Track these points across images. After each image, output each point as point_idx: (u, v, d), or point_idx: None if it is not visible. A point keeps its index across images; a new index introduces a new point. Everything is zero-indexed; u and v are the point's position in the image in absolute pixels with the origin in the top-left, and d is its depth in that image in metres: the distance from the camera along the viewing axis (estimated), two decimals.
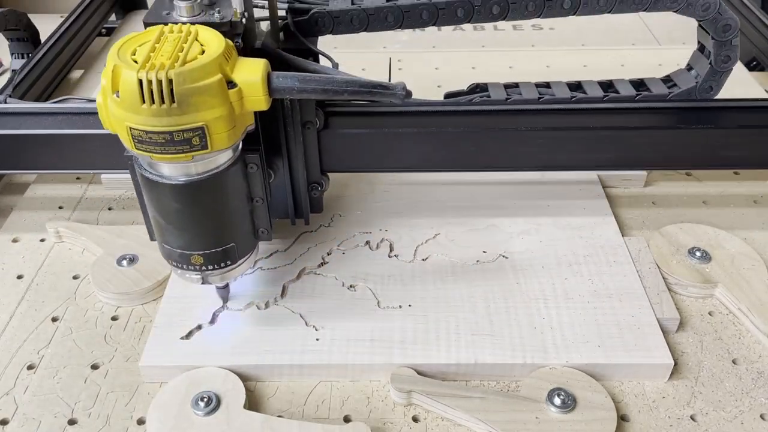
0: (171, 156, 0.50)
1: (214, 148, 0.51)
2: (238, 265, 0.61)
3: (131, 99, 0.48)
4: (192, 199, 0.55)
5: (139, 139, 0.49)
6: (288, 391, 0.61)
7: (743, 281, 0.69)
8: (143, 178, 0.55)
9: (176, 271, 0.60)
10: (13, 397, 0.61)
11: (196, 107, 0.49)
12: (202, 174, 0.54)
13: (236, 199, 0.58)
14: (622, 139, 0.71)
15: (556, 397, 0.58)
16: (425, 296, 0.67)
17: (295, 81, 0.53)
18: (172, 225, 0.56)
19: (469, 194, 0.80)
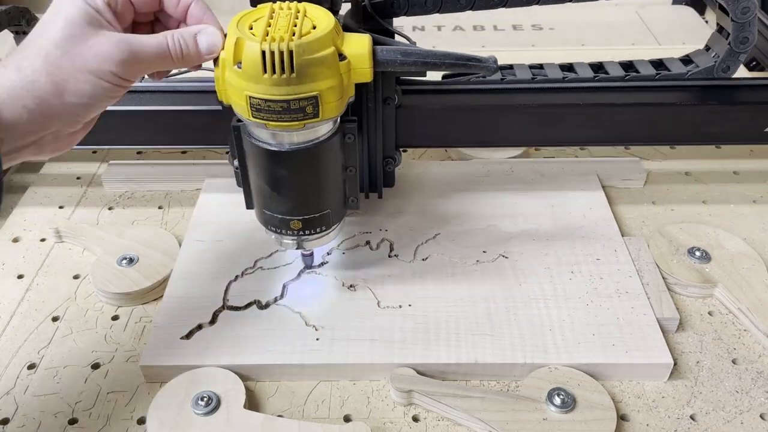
0: (285, 123, 0.54)
1: (324, 116, 0.55)
2: (331, 231, 0.65)
3: (254, 69, 0.52)
4: (297, 166, 0.59)
5: (257, 107, 0.53)
6: (288, 391, 0.62)
7: (743, 281, 0.69)
8: (252, 146, 0.58)
9: (273, 236, 0.64)
10: (13, 396, 0.61)
11: (312, 77, 0.53)
12: (308, 142, 0.58)
13: (335, 167, 0.62)
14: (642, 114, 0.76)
15: (556, 396, 0.58)
16: (425, 296, 0.67)
17: (398, 54, 0.57)
18: (276, 191, 0.60)
19: (469, 194, 0.80)
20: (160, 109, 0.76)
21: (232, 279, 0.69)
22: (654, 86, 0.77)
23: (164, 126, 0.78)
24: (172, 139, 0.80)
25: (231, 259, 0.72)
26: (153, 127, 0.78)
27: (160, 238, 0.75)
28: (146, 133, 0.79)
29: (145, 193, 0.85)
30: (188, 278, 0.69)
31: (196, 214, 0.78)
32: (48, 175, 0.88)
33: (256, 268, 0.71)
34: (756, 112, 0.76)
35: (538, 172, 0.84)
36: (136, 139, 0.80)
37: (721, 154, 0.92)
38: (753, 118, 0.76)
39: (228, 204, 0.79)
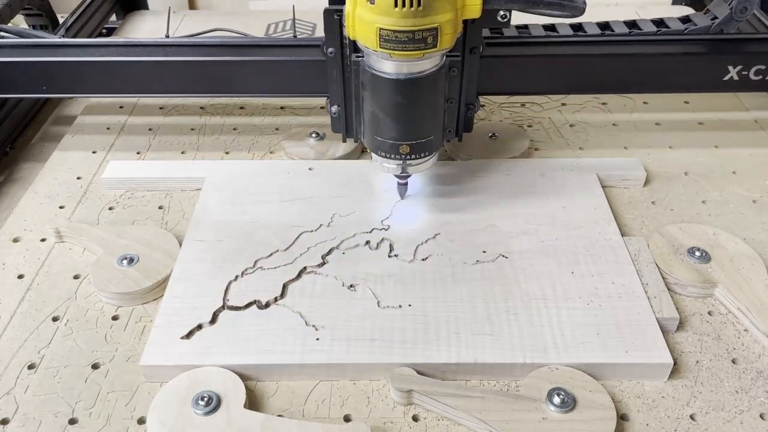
0: (408, 53, 0.62)
1: (441, 46, 0.63)
2: (432, 157, 0.74)
3: (386, 4, 0.60)
4: (411, 94, 0.67)
5: (386, 38, 0.61)
6: (288, 391, 0.62)
7: (743, 281, 0.69)
8: (372, 76, 0.67)
9: (379, 161, 0.73)
10: (13, 396, 0.61)
11: (435, 10, 0.61)
12: (422, 72, 0.66)
13: (440, 97, 0.70)
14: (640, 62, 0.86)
15: (556, 396, 0.58)
16: (425, 296, 0.68)
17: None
18: (389, 117, 0.69)
19: (469, 194, 0.80)
20: (187, 60, 0.85)
21: (232, 279, 0.69)
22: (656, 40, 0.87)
23: (188, 76, 0.86)
24: (196, 89, 0.88)
25: (231, 259, 0.72)
26: (180, 77, 0.86)
27: (160, 238, 0.75)
28: (172, 82, 0.87)
29: (145, 193, 0.85)
30: (188, 278, 0.69)
31: (196, 214, 0.78)
32: (48, 175, 0.89)
33: (256, 268, 0.71)
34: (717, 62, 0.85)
35: (538, 172, 0.84)
36: (164, 87, 0.88)
37: (720, 154, 0.92)
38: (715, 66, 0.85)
39: (228, 204, 0.79)
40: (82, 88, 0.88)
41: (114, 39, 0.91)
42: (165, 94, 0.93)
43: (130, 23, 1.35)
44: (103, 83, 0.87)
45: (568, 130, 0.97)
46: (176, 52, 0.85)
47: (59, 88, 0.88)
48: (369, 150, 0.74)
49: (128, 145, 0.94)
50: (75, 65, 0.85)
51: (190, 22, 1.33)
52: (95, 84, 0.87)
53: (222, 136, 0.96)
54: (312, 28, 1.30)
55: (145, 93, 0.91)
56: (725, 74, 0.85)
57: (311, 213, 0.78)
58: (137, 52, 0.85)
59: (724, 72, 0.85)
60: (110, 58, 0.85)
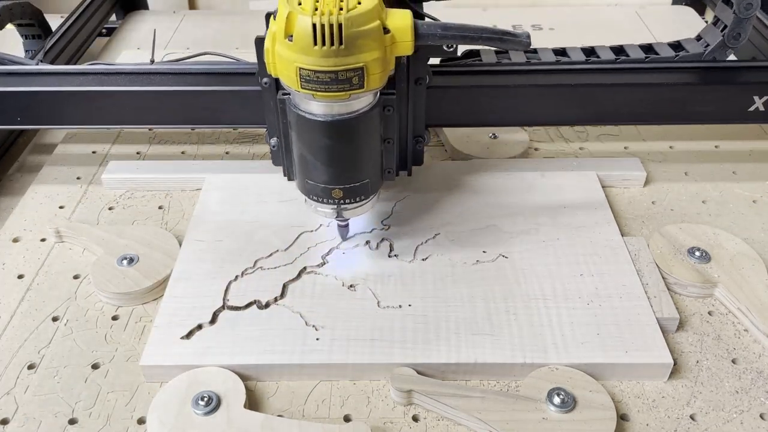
0: (332, 94, 0.57)
1: (368, 87, 0.58)
2: (369, 200, 0.69)
3: (305, 41, 0.55)
4: (340, 136, 0.62)
5: (307, 78, 0.57)
6: (288, 391, 0.62)
7: (743, 281, 0.69)
8: (298, 117, 0.62)
9: (313, 205, 0.69)
10: (13, 396, 0.61)
11: (359, 49, 0.56)
12: (352, 113, 0.61)
13: (375, 138, 0.66)
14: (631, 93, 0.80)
15: (556, 396, 0.58)
16: (425, 296, 0.68)
17: (438, 28, 0.60)
18: (319, 161, 0.64)
19: (469, 194, 0.80)
20: (171, 90, 0.80)
21: (232, 279, 0.69)
22: (645, 68, 0.81)
23: (174, 106, 0.81)
24: (182, 119, 0.83)
25: (231, 259, 0.72)
26: (163, 108, 0.81)
27: (160, 238, 0.75)
28: (157, 113, 0.82)
29: (145, 193, 0.85)
30: (188, 278, 0.69)
31: (196, 214, 0.78)
32: (48, 175, 0.88)
33: (256, 268, 0.71)
34: (742, 91, 0.80)
35: (538, 172, 0.84)
36: (147, 119, 0.83)
37: (720, 154, 0.92)
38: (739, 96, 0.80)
39: (228, 204, 0.79)
40: (59, 119, 0.82)
41: (94, 65, 0.85)
42: (149, 125, 0.88)
43: (129, 23, 1.35)
44: (81, 114, 0.81)
45: (568, 130, 0.96)
46: (160, 81, 0.80)
47: (35, 119, 0.82)
48: (301, 193, 0.69)
49: (128, 145, 0.94)
50: (51, 95, 0.80)
51: (190, 23, 1.33)
52: (73, 115, 0.82)
53: (222, 136, 0.96)
54: None
55: (127, 124, 0.85)
56: (751, 105, 0.80)
57: (311, 213, 0.77)
58: (118, 81, 0.80)
59: (749, 103, 0.80)
60: (89, 87, 0.80)
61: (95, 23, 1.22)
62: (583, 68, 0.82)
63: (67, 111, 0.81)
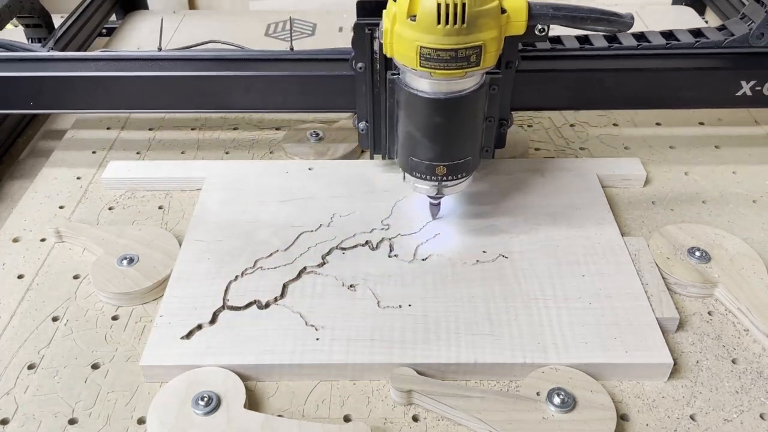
0: (450, 72, 0.60)
1: (484, 65, 0.60)
2: (468, 178, 0.71)
3: (428, 20, 0.57)
4: (451, 114, 0.64)
5: (427, 56, 0.59)
6: (288, 391, 0.62)
7: (743, 281, 0.69)
8: (409, 95, 0.64)
9: (412, 181, 0.71)
10: (13, 396, 0.61)
11: (479, 28, 0.58)
12: (462, 91, 0.63)
13: (480, 116, 0.68)
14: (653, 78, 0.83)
15: (556, 396, 0.58)
16: (425, 296, 0.68)
17: (550, 9, 0.62)
18: (427, 138, 0.66)
19: (469, 194, 0.80)
20: (179, 75, 0.82)
21: (232, 279, 0.69)
22: (636, 54, 0.83)
23: (182, 91, 0.84)
24: (190, 104, 0.85)
25: (231, 259, 0.72)
26: (172, 93, 0.84)
27: (160, 238, 0.75)
28: (166, 98, 0.84)
29: (145, 193, 0.85)
30: (188, 278, 0.69)
31: (196, 214, 0.78)
32: (48, 175, 0.89)
33: (256, 268, 0.71)
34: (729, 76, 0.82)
35: (538, 172, 0.84)
36: (156, 103, 0.85)
37: (721, 154, 0.92)
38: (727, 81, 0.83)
39: (228, 204, 0.79)
40: (71, 103, 0.85)
41: (104, 52, 0.87)
42: (157, 110, 0.91)
43: (129, 23, 1.35)
44: (92, 98, 0.84)
45: (568, 130, 0.97)
46: (168, 67, 0.83)
47: (47, 103, 0.85)
48: (402, 170, 0.71)
49: (128, 145, 0.94)
50: (62, 80, 0.83)
51: (189, 23, 1.33)
52: (84, 99, 0.84)
53: (222, 136, 0.96)
54: (312, 28, 1.30)
55: (136, 108, 0.87)
56: (738, 89, 0.82)
57: (311, 213, 0.78)
58: (127, 67, 0.83)
59: (737, 87, 0.82)
60: (99, 72, 0.82)
61: (95, 23, 1.22)
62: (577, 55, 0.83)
63: (78, 96, 0.84)
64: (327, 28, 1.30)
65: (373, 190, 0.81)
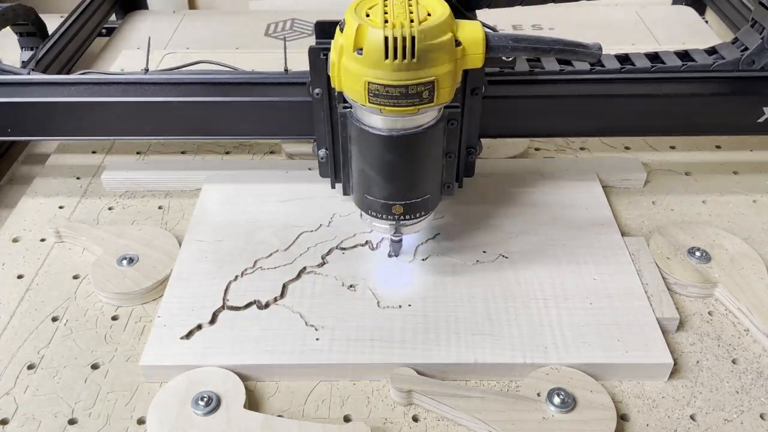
0: (401, 109, 0.55)
1: (438, 101, 0.56)
2: (428, 216, 0.67)
3: (375, 55, 0.53)
4: (405, 151, 0.60)
5: (375, 93, 0.54)
6: (288, 391, 0.62)
7: (743, 281, 0.69)
8: (360, 131, 0.60)
9: (371, 221, 0.66)
10: (13, 396, 0.61)
11: (431, 62, 0.54)
12: (418, 128, 0.59)
13: (438, 152, 0.64)
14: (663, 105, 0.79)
15: (556, 396, 0.58)
16: (425, 296, 0.67)
17: (509, 40, 0.58)
18: (381, 176, 0.62)
19: (469, 194, 0.80)
20: (165, 101, 0.78)
21: (232, 279, 0.69)
22: (652, 78, 0.79)
23: (168, 117, 0.79)
24: (177, 131, 0.80)
25: (231, 259, 0.72)
26: (158, 119, 0.79)
27: (160, 238, 0.75)
28: (151, 124, 0.80)
29: (145, 193, 0.85)
30: (188, 278, 0.69)
31: (196, 214, 0.78)
32: (48, 175, 0.88)
33: (256, 268, 0.71)
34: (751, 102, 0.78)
35: (538, 172, 0.84)
36: (141, 130, 0.80)
37: (721, 154, 0.92)
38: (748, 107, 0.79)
39: (228, 204, 0.79)
40: (51, 130, 0.80)
41: (86, 74, 0.82)
42: (142, 137, 0.84)
43: (129, 23, 1.35)
44: (73, 125, 0.79)
45: None
46: (154, 92, 0.78)
47: (25, 130, 0.80)
48: (358, 208, 0.67)
49: (128, 146, 0.94)
50: (42, 106, 0.78)
51: (189, 23, 1.33)
52: (64, 126, 0.79)
53: None
54: (312, 28, 1.30)
55: (120, 135, 0.81)
56: (760, 116, 0.79)
57: (311, 213, 0.78)
58: (111, 91, 0.78)
59: (759, 114, 0.78)
60: (81, 98, 0.78)
61: (95, 23, 1.22)
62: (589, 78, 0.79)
63: (58, 122, 0.79)
64: None
65: None
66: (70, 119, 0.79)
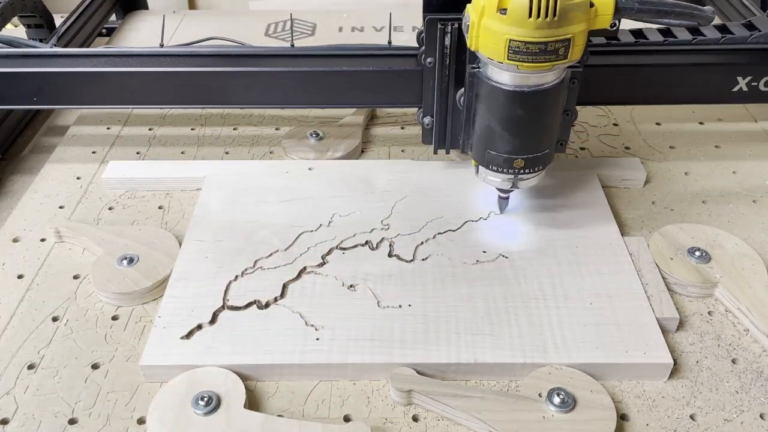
0: (537, 65, 0.60)
1: (571, 58, 0.60)
2: (543, 171, 0.71)
3: (520, 14, 0.58)
4: (533, 107, 0.65)
5: (516, 50, 0.59)
6: (288, 391, 0.62)
7: (743, 281, 0.69)
8: (492, 88, 0.65)
9: (489, 175, 0.71)
10: (13, 396, 0.61)
11: (569, 21, 0.58)
12: (545, 84, 0.64)
13: (559, 109, 0.68)
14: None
15: (556, 396, 0.58)
16: (425, 296, 0.68)
17: (635, 2, 0.62)
18: (507, 131, 0.66)
19: (469, 194, 0.80)
20: (181, 71, 0.83)
21: (232, 279, 0.69)
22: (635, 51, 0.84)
23: (184, 87, 0.84)
24: (191, 100, 0.86)
25: (231, 259, 0.72)
26: (174, 88, 0.84)
27: (160, 238, 0.75)
28: (168, 94, 0.85)
29: (145, 193, 0.85)
30: (188, 278, 0.69)
31: (196, 214, 0.78)
32: (48, 175, 0.89)
33: (256, 268, 0.71)
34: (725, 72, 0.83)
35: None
36: (158, 99, 0.86)
37: (720, 154, 0.92)
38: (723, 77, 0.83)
39: (228, 204, 0.79)
40: (73, 99, 0.86)
41: (106, 48, 0.88)
42: (159, 105, 0.91)
43: (129, 23, 1.35)
44: (94, 94, 0.85)
45: None
46: (170, 63, 0.83)
47: (49, 99, 0.85)
48: (477, 163, 0.72)
49: (128, 145, 0.94)
50: (65, 76, 0.83)
51: (190, 23, 1.33)
52: (86, 95, 0.85)
53: (222, 135, 0.96)
54: (312, 28, 1.30)
55: (139, 104, 0.87)
56: (734, 85, 0.83)
57: (311, 213, 0.78)
58: (130, 63, 0.83)
59: (733, 83, 0.83)
60: (102, 68, 0.83)
61: (95, 23, 1.22)
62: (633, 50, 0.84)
63: (80, 91, 0.84)
64: (327, 28, 1.30)
65: (373, 190, 0.81)
66: (90, 89, 0.84)
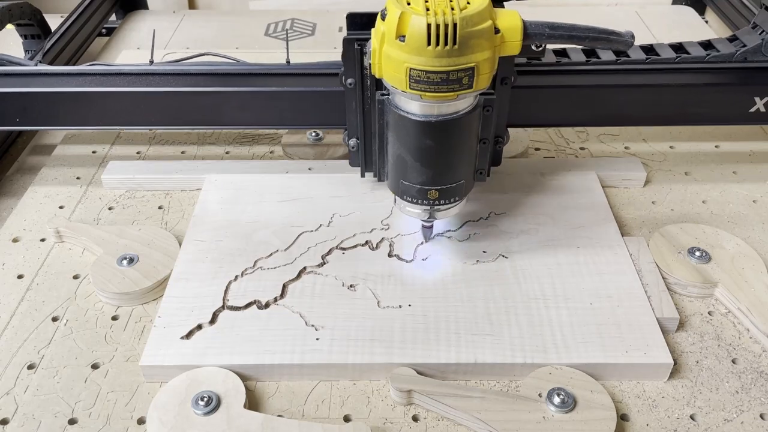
0: (441, 94, 0.57)
1: (477, 87, 0.57)
2: (461, 202, 0.68)
3: (418, 41, 0.54)
4: (443, 137, 0.61)
5: (417, 79, 0.56)
6: (288, 391, 0.62)
7: (743, 281, 0.69)
8: (399, 117, 0.61)
9: (402, 205, 0.68)
10: (13, 396, 0.61)
11: (471, 49, 0.55)
12: (455, 113, 0.60)
13: (473, 138, 0.65)
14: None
15: (556, 396, 0.58)
16: (425, 296, 0.68)
17: (546, 28, 0.59)
18: (418, 161, 0.63)
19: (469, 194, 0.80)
20: (170, 91, 0.79)
21: (232, 279, 0.69)
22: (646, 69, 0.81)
23: (173, 107, 0.81)
24: (181, 120, 0.82)
25: (231, 259, 0.72)
26: (162, 109, 0.81)
27: (160, 238, 0.75)
28: (156, 114, 0.81)
29: (145, 193, 0.85)
30: (188, 278, 0.69)
31: (196, 214, 0.78)
32: (48, 175, 0.88)
33: (256, 268, 0.71)
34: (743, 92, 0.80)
35: (538, 171, 0.84)
36: (146, 120, 0.82)
37: (720, 154, 0.92)
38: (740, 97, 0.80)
39: (228, 204, 0.79)
40: (58, 120, 0.82)
41: (93, 66, 0.83)
42: (148, 126, 0.87)
43: (129, 23, 1.35)
44: (80, 115, 0.81)
45: (568, 130, 0.96)
46: (160, 82, 0.80)
47: (34, 120, 0.81)
48: (393, 193, 0.69)
49: (128, 145, 0.94)
50: (50, 96, 0.80)
51: (190, 23, 1.33)
52: (72, 116, 0.81)
53: (222, 136, 0.96)
54: (312, 28, 1.30)
55: (126, 125, 0.83)
56: (751, 106, 0.80)
57: (311, 213, 0.78)
58: (117, 82, 0.80)
59: (750, 104, 0.80)
60: (88, 88, 0.79)
61: (95, 23, 1.22)
62: (585, 69, 0.81)
63: (66, 112, 0.81)
64: (327, 28, 1.30)
65: (373, 190, 0.81)
66: (76, 109, 0.81)
